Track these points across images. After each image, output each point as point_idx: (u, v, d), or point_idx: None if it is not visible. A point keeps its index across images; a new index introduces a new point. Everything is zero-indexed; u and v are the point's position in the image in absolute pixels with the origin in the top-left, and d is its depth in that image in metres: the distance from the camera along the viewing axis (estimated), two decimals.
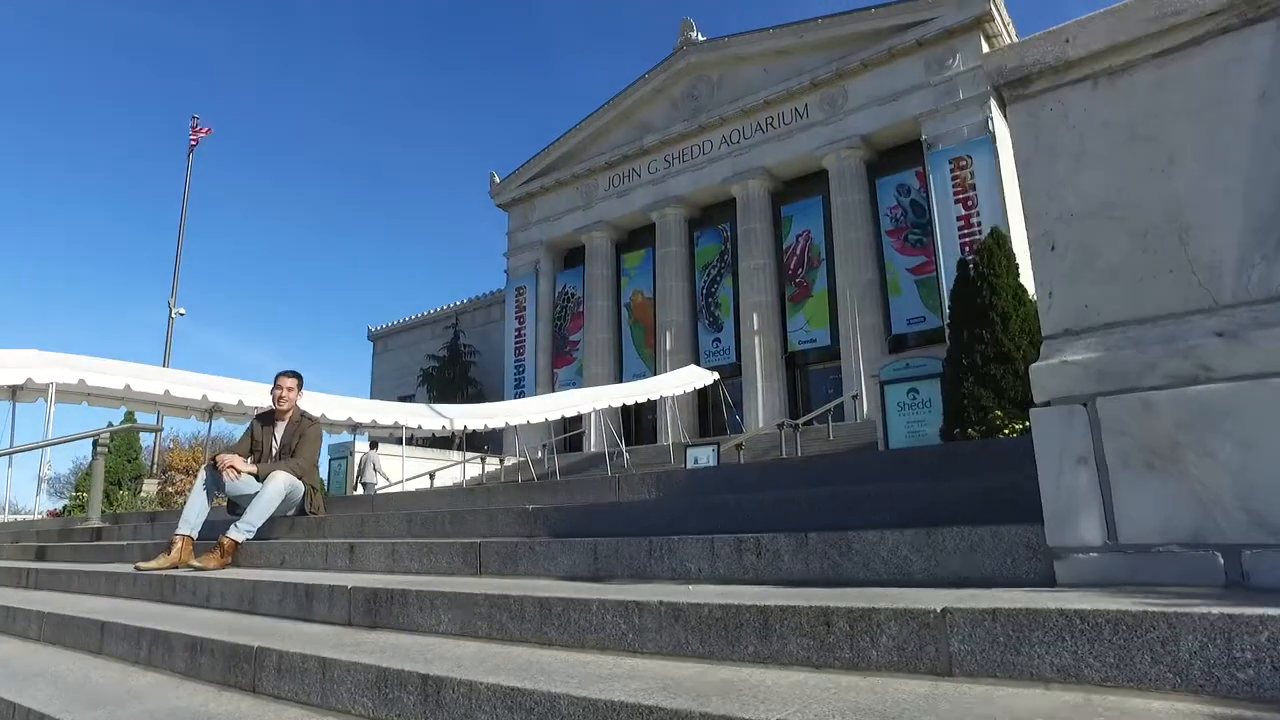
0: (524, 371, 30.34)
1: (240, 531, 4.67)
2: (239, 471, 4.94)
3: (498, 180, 32.75)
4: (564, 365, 30.00)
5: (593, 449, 26.68)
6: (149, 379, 14.42)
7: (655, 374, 26.31)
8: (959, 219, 21.24)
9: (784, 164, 25.64)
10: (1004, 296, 11.83)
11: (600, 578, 2.78)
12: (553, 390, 28.10)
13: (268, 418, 5.44)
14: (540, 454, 26.95)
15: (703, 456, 15.44)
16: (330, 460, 20.34)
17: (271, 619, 3.19)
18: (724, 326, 26.73)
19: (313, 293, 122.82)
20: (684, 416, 25.07)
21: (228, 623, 3.07)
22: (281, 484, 4.92)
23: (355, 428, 18.51)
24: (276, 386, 5.43)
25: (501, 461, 23.11)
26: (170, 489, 18.34)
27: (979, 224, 20.83)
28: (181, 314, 23.77)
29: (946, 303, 20.78)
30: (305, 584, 3.16)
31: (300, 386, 5.50)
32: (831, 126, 24.40)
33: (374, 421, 17.41)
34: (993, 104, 21.65)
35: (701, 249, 27.83)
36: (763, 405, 24.28)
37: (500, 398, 28.43)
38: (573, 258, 31.52)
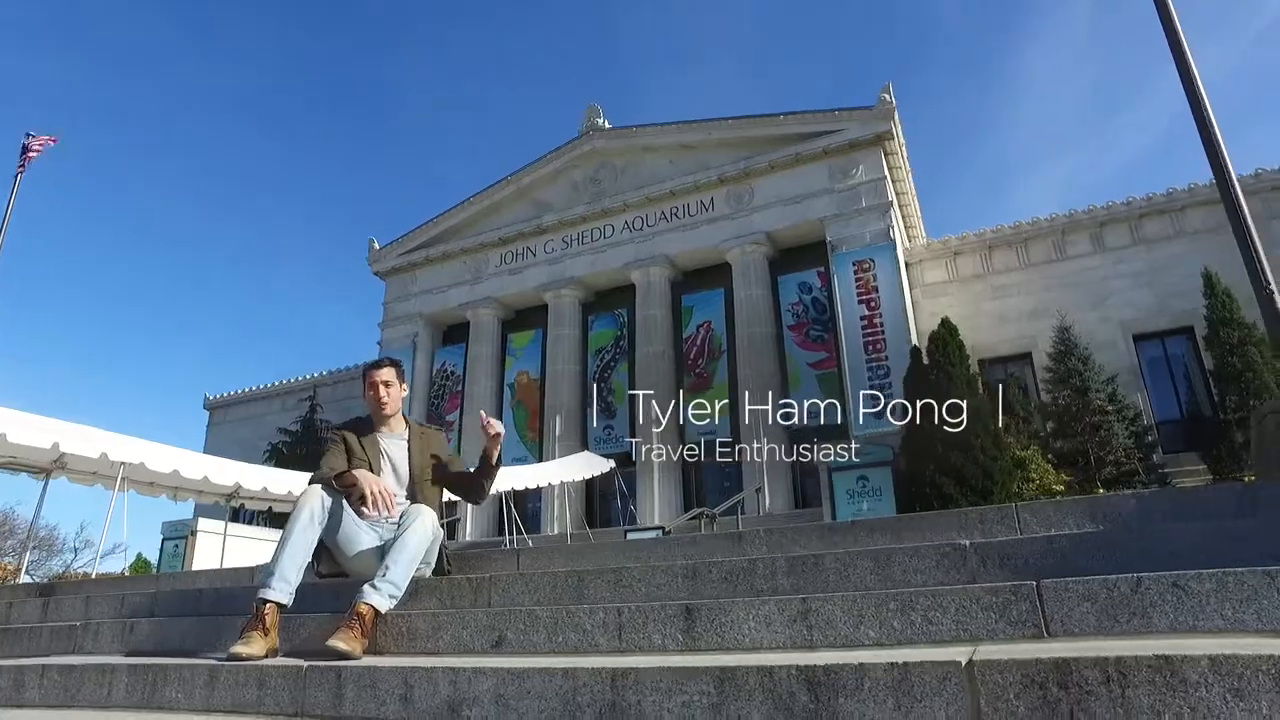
0: None
1: (383, 596, 3.07)
2: (390, 504, 3.25)
3: (377, 247, 30.79)
4: None
5: (468, 537, 24.37)
6: None
7: (540, 459, 24.73)
8: (862, 318, 21.68)
9: (687, 254, 25.61)
10: (959, 385, 11.66)
11: None
12: None
13: (363, 426, 3.73)
14: None
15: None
16: (164, 540, 16.94)
17: None
18: (617, 414, 25.67)
19: (137, 357, 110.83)
20: (570, 506, 23.42)
21: None
22: (431, 527, 3.38)
23: (176, 491, 15.57)
24: (371, 384, 3.73)
25: None
26: None
27: (881, 324, 21.37)
28: None
29: (850, 396, 21.09)
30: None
31: (401, 379, 3.90)
32: (737, 222, 24.73)
33: (205, 479, 14.63)
34: (893, 213, 22.74)
35: (596, 333, 26.99)
36: (659, 496, 23.15)
37: None
38: (454, 334, 29.76)
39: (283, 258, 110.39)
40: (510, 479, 18.84)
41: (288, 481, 15.48)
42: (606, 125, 27.84)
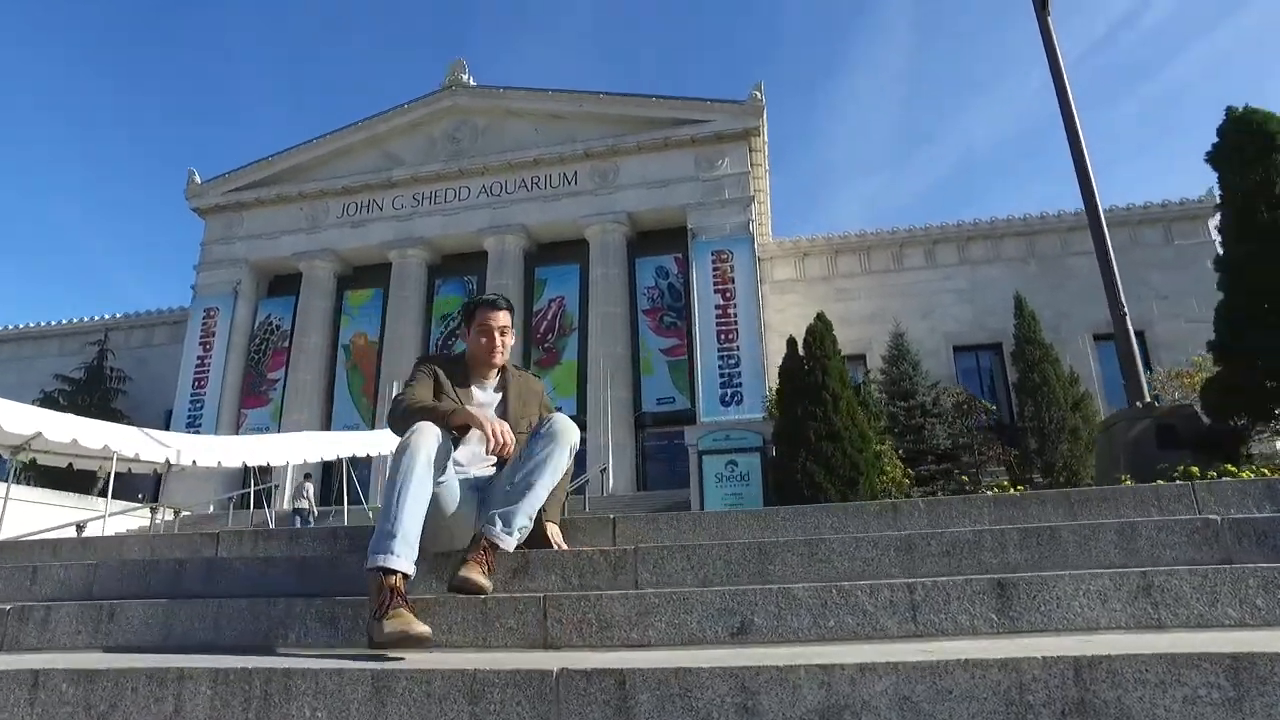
0: (203, 408, 24.95)
1: (513, 532, 2.54)
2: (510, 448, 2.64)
3: (199, 181, 27.58)
4: (256, 406, 25.31)
5: (286, 505, 22.53)
6: None
7: (373, 427, 23.30)
8: (717, 308, 22.14)
9: (545, 226, 25.00)
10: (834, 378, 12.11)
11: None
12: (236, 434, 23.43)
13: (456, 367, 3.02)
14: (211, 509, 22.26)
15: None
16: None
17: None
18: None
19: None
20: None
21: None
22: (572, 451, 2.82)
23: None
24: (483, 329, 3.03)
25: (176, 513, 18.22)
26: None
27: (735, 315, 21.95)
28: None
29: (701, 383, 21.55)
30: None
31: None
32: (600, 199, 24.44)
33: (40, 434, 12.54)
34: (754, 208, 23.39)
35: (442, 298, 25.77)
36: None
37: None
38: (282, 285, 27.31)
39: (72, 187, 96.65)
40: (349, 445, 17.59)
41: (106, 434, 13.40)
42: (472, 82, 26.55)
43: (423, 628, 2.11)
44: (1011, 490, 10.22)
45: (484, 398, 2.99)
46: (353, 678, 1.70)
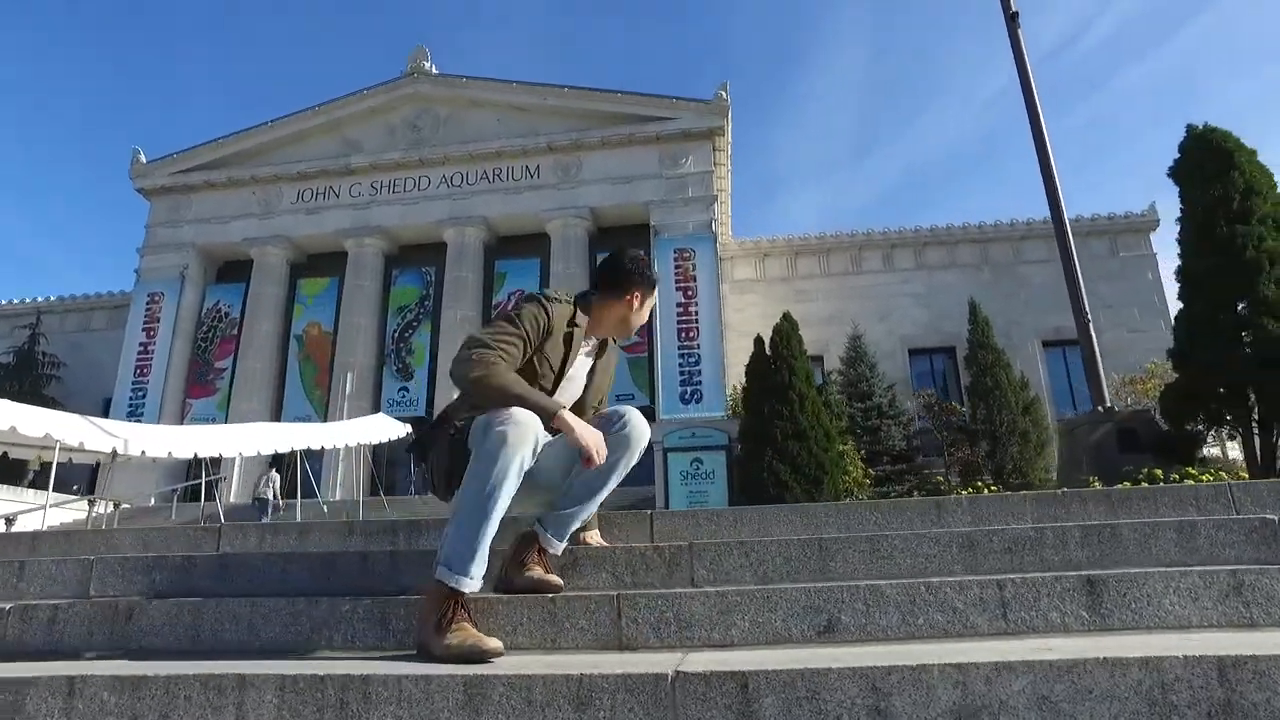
0: (145, 397, 24.00)
1: (563, 541, 2.40)
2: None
3: (144, 160, 26.50)
4: (202, 396, 24.46)
5: (233, 499, 21.83)
6: None
7: (326, 419, 22.78)
8: (678, 306, 22.15)
9: (507, 218, 24.71)
10: (800, 378, 12.22)
11: None
12: (180, 424, 22.61)
13: (572, 325, 2.61)
14: (152, 501, 21.49)
15: None
16: None
17: None
18: (414, 376, 24.24)
19: None
20: (355, 471, 21.79)
21: None
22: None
23: None
24: (646, 305, 2.74)
25: (116, 506, 17.49)
26: None
27: (696, 313, 22.00)
28: None
29: (661, 381, 21.54)
30: None
31: None
32: (562, 193, 24.24)
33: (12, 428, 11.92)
34: (716, 207, 23.47)
35: (399, 289, 25.26)
36: None
37: None
38: (231, 271, 26.43)
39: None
40: (304, 437, 17.11)
41: (48, 422, 12.70)
42: (434, 71, 26.07)
43: (494, 642, 1.97)
44: (987, 491, 10.45)
45: (582, 367, 2.69)
46: (441, 684, 1.59)
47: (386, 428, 20.73)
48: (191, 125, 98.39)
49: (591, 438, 2.30)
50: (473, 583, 2.09)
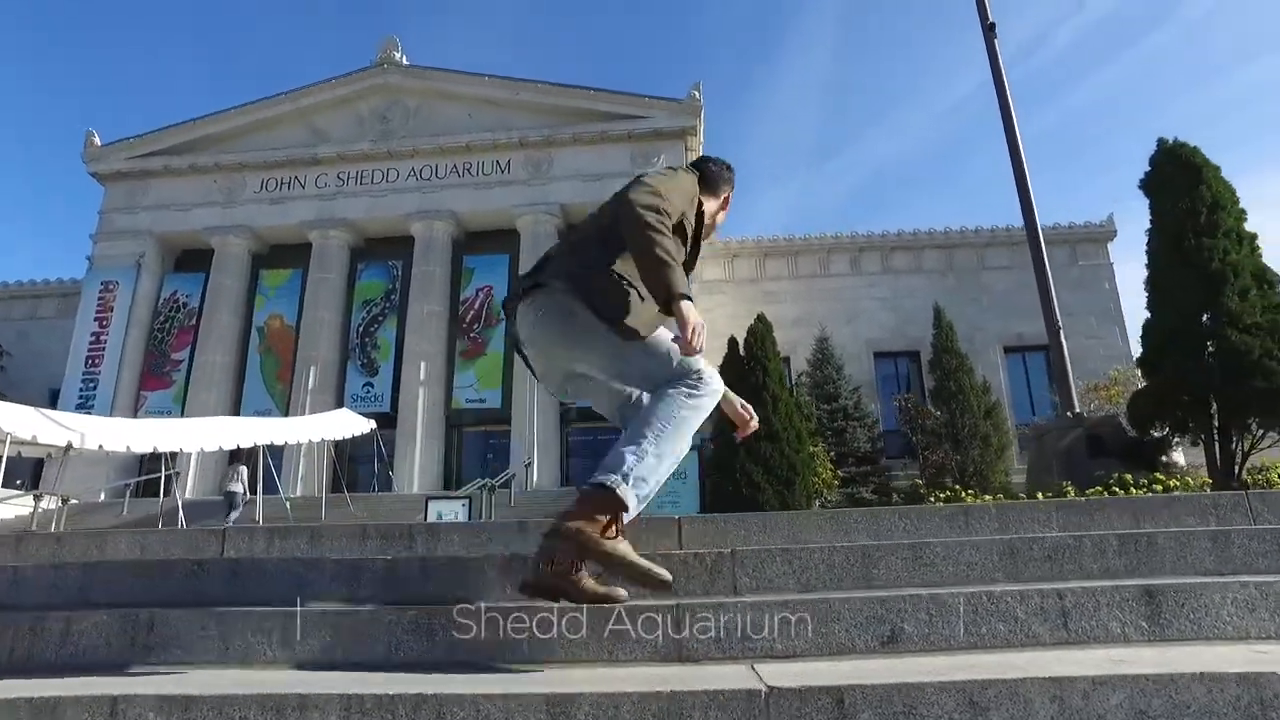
0: (96, 388, 23.23)
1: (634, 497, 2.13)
2: None
3: (98, 143, 25.64)
4: (158, 388, 23.77)
5: (189, 495, 21.25)
6: None
7: (287, 413, 22.32)
8: None
9: (476, 214, 24.43)
10: (774, 379, 12.30)
11: None
12: (134, 417, 21.95)
13: (700, 223, 2.55)
14: (102, 496, 20.82)
15: (448, 513, 12.87)
16: None
17: None
18: (379, 371, 23.86)
19: None
20: (317, 467, 21.38)
21: None
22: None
23: None
24: (728, 203, 2.80)
25: (65, 501, 16.87)
26: None
27: None
28: None
29: None
30: None
31: None
32: (533, 189, 24.07)
33: None
34: None
35: (365, 282, 24.84)
36: (419, 463, 21.92)
37: None
38: (191, 260, 25.72)
39: None
40: (267, 432, 16.71)
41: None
42: (405, 61, 25.66)
43: (664, 572, 2.01)
44: (964, 495, 10.61)
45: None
46: (523, 703, 1.53)
47: (350, 423, 20.34)
48: (154, 109, 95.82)
49: (698, 324, 2.16)
50: (634, 509, 2.09)
